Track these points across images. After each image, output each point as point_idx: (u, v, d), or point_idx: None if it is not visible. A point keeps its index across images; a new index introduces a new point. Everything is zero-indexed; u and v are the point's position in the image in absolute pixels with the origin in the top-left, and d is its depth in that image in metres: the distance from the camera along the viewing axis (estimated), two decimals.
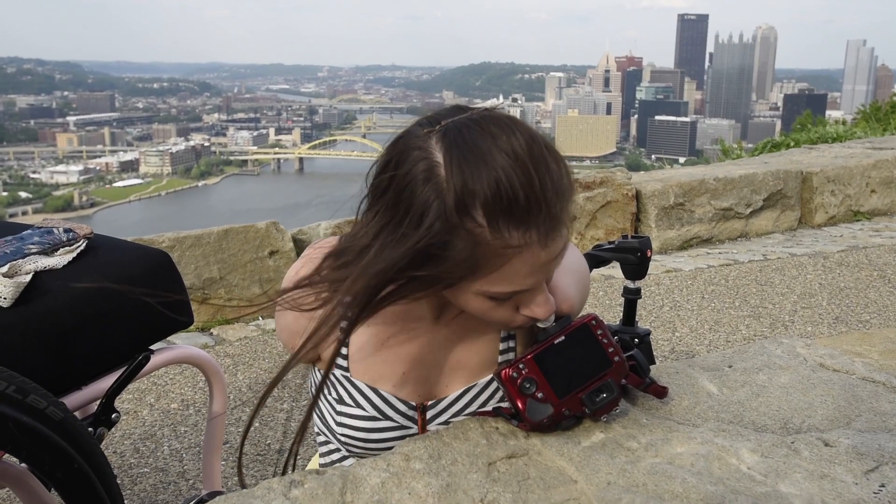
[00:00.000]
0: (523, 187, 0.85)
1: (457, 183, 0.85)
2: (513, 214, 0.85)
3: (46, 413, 1.16)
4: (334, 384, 1.12)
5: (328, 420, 1.14)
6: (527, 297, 0.95)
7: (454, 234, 0.86)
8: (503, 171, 0.85)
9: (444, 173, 0.86)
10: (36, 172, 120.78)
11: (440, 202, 0.85)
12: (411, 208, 0.87)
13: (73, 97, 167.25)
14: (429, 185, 0.86)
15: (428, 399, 1.12)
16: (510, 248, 0.86)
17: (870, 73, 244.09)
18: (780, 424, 1.06)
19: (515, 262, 0.88)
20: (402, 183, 0.88)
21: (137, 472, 2.54)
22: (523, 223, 0.86)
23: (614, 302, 4.07)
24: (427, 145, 0.88)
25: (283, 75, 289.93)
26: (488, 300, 0.93)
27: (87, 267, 1.45)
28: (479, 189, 0.85)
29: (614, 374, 1.00)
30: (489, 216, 0.85)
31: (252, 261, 3.90)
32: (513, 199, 0.85)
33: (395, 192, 0.89)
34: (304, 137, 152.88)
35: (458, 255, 0.87)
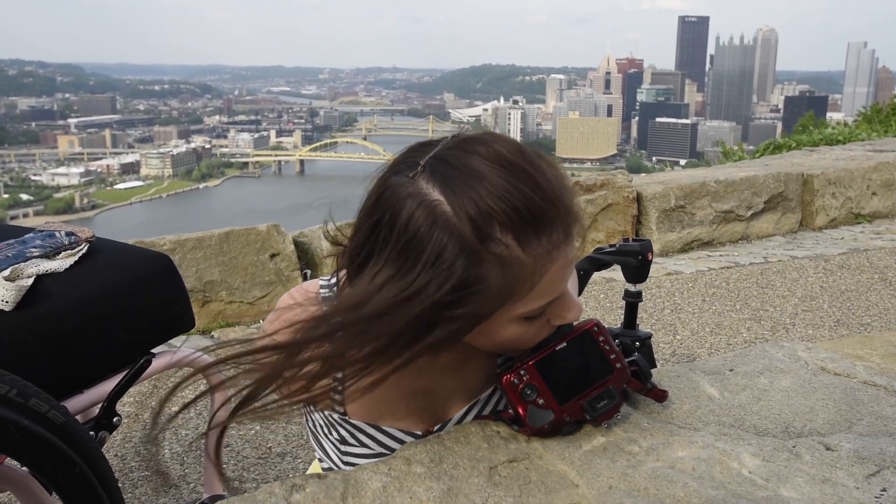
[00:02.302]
0: (534, 192, 0.82)
1: (468, 211, 0.80)
2: (534, 222, 0.82)
3: (48, 417, 1.17)
4: (334, 426, 1.09)
5: (332, 457, 1.11)
6: (556, 306, 0.92)
7: (482, 264, 0.81)
8: (508, 182, 0.81)
9: (449, 208, 0.81)
10: (37, 175, 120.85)
11: (456, 237, 0.80)
12: (422, 256, 0.80)
13: (75, 99, 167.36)
14: (437, 226, 0.81)
15: (432, 425, 1.10)
16: (542, 259, 0.83)
17: (871, 75, 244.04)
18: (782, 428, 1.06)
19: (548, 273, 0.84)
20: (405, 235, 0.82)
21: (139, 476, 2.54)
22: (547, 227, 0.83)
23: (615, 305, 4.06)
24: (417, 189, 0.83)
25: (284, 77, 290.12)
26: (523, 323, 0.89)
27: (89, 270, 1.45)
28: (492, 208, 0.80)
29: (616, 381, 1.00)
30: (514, 232, 0.81)
31: (253, 263, 3.90)
32: (529, 207, 0.81)
33: (401, 247, 0.82)
34: (305, 139, 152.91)
35: (494, 283, 0.81)
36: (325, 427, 1.11)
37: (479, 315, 0.84)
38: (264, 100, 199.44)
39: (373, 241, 0.86)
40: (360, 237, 0.88)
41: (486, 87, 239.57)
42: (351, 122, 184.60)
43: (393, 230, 0.83)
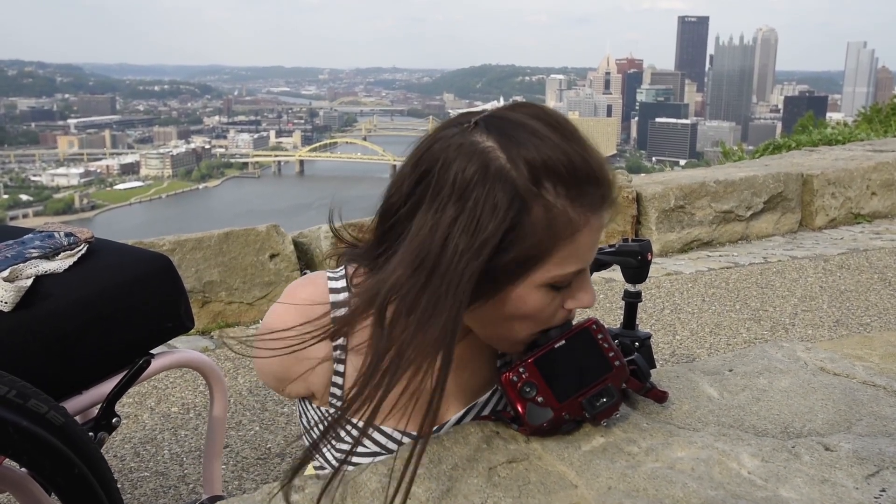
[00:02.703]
0: (583, 158, 0.88)
1: (524, 157, 0.85)
2: (582, 180, 0.87)
3: (47, 418, 1.16)
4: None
5: (326, 455, 1.10)
6: (576, 284, 0.95)
7: (532, 207, 0.85)
8: (561, 140, 0.87)
9: (504, 155, 0.85)
10: (37, 175, 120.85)
11: (511, 183, 0.85)
12: (481, 199, 0.84)
13: (74, 100, 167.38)
14: (491, 171, 0.85)
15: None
16: (582, 215, 0.88)
17: (870, 75, 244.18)
18: (781, 429, 1.06)
19: (584, 234, 0.89)
20: (460, 180, 0.85)
21: (138, 476, 2.54)
22: (591, 188, 0.88)
23: (615, 305, 4.06)
24: (472, 139, 0.87)
25: (284, 78, 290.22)
26: (549, 292, 0.92)
27: (88, 271, 1.45)
28: (546, 159, 0.85)
29: (615, 379, 1.00)
30: (563, 186, 0.86)
31: (252, 264, 3.90)
32: (579, 165, 0.87)
33: (457, 192, 0.85)
34: (305, 140, 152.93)
35: (539, 226, 0.86)
36: (320, 423, 1.10)
37: (524, 261, 0.87)
38: (264, 100, 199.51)
39: (422, 189, 0.88)
40: (406, 188, 0.90)
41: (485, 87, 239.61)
42: (351, 123, 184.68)
43: (446, 176, 0.86)
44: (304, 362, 1.03)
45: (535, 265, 0.89)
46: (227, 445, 2.69)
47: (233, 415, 2.92)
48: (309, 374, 1.04)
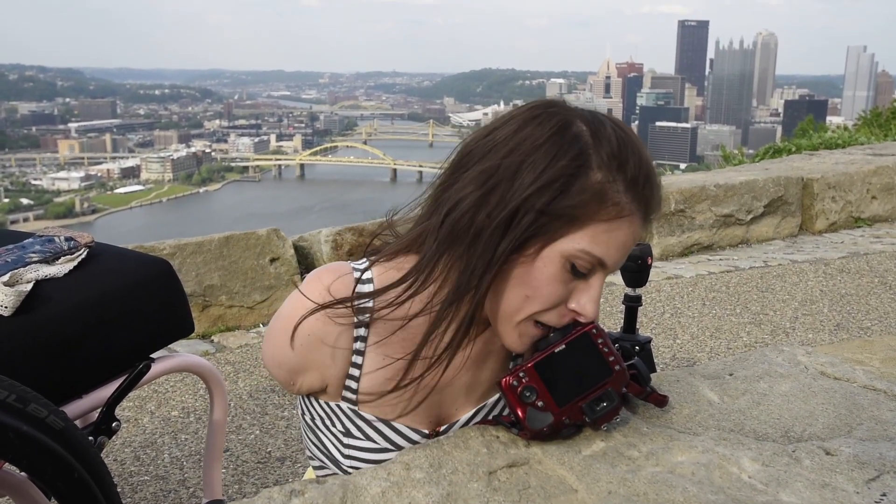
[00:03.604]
0: (651, 174, 0.97)
1: (608, 138, 0.94)
2: (640, 182, 0.95)
3: (47, 422, 1.16)
4: (340, 417, 1.08)
5: (331, 451, 1.10)
6: (585, 287, 0.97)
7: (592, 170, 0.93)
8: (642, 153, 0.97)
9: (589, 129, 0.95)
10: (37, 179, 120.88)
11: (584, 144, 0.94)
12: (554, 145, 0.93)
13: (75, 104, 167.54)
14: (569, 133, 0.94)
15: (439, 424, 1.10)
16: (628, 208, 0.94)
17: (870, 78, 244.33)
18: (781, 433, 1.06)
19: (624, 225, 0.95)
20: (538, 133, 0.94)
21: (138, 480, 2.53)
22: (643, 198, 0.96)
23: (615, 309, 4.06)
24: (570, 111, 0.97)
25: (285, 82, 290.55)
26: (565, 270, 0.95)
27: (88, 275, 1.45)
28: (623, 152, 0.94)
29: (615, 383, 1.00)
30: (625, 175, 0.94)
31: (253, 268, 3.90)
32: (645, 178, 0.96)
33: (537, 137, 0.93)
34: (306, 144, 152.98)
35: (591, 190, 0.92)
36: (327, 419, 1.09)
37: (566, 217, 0.93)
38: (264, 104, 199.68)
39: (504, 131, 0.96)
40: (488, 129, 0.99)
41: (485, 91, 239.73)
42: (351, 127, 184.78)
43: (531, 125, 0.95)
44: (324, 349, 1.02)
45: (573, 226, 0.93)
46: (228, 449, 2.69)
47: (233, 419, 2.91)
48: (327, 364, 1.03)
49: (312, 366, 1.03)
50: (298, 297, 1.02)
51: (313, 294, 1.01)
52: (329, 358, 1.03)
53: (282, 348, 1.03)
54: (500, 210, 0.92)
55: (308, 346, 1.01)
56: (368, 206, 14.68)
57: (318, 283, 1.02)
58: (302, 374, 1.04)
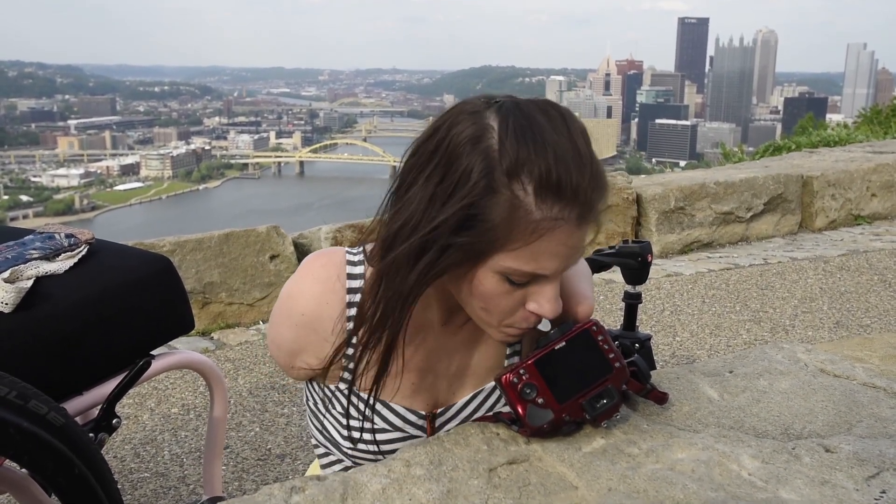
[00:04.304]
0: (573, 168, 0.88)
1: (511, 149, 0.87)
2: (558, 191, 0.88)
3: (47, 419, 1.16)
4: (339, 398, 1.10)
5: (332, 434, 1.12)
6: (538, 290, 0.94)
7: (497, 195, 0.87)
8: (557, 149, 0.88)
9: (496, 138, 0.88)
10: (37, 176, 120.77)
11: (490, 163, 0.88)
12: (461, 167, 0.88)
13: (75, 101, 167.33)
14: (480, 147, 0.89)
15: (436, 407, 1.12)
16: (546, 222, 0.88)
17: (870, 76, 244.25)
18: (781, 430, 1.06)
19: (546, 239, 0.89)
20: (454, 143, 0.90)
21: (138, 477, 2.54)
22: (565, 200, 0.88)
23: (615, 306, 4.06)
24: (483, 114, 0.91)
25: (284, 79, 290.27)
26: (504, 282, 0.93)
27: (89, 272, 1.45)
28: (532, 160, 0.87)
29: (615, 380, 1.00)
30: (537, 187, 0.87)
31: (253, 265, 3.90)
32: (561, 177, 0.87)
33: (446, 154, 0.90)
34: (305, 141, 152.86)
35: (498, 216, 0.88)
36: (328, 401, 1.12)
37: (474, 247, 0.90)
38: (264, 101, 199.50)
39: (427, 146, 0.93)
40: (422, 137, 0.96)
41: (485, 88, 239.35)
42: (351, 124, 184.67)
43: (447, 138, 0.91)
44: (317, 331, 1.05)
45: (491, 250, 0.90)
46: (228, 446, 2.69)
47: (233, 416, 2.92)
48: (322, 345, 1.05)
49: (308, 346, 1.06)
50: (293, 280, 1.08)
51: (306, 277, 1.06)
52: (323, 338, 1.05)
53: (279, 330, 1.08)
54: (412, 243, 0.91)
55: (303, 327, 1.05)
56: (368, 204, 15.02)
57: (312, 266, 1.07)
58: (299, 355, 1.07)
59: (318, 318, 1.05)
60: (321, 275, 1.06)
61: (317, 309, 1.05)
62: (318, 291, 1.05)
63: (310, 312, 1.05)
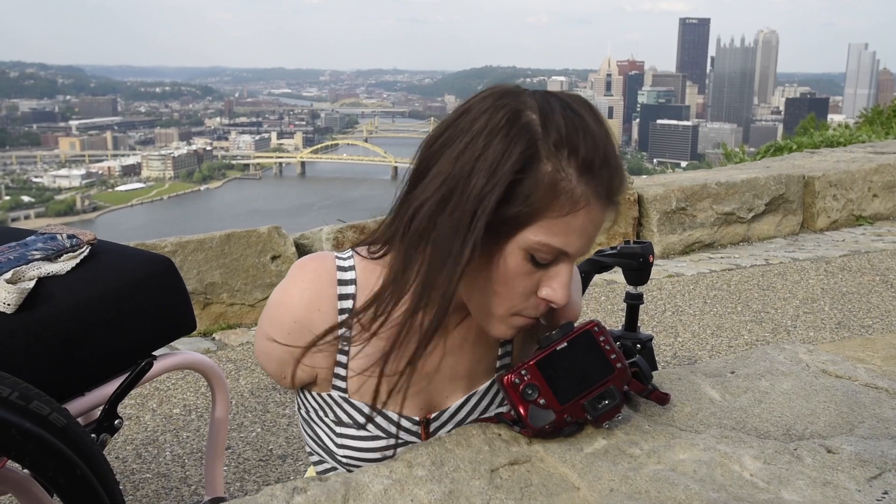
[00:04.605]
0: (610, 153, 0.94)
1: (557, 125, 0.91)
2: (599, 169, 0.92)
3: (49, 419, 1.16)
4: (332, 406, 1.09)
5: (326, 442, 1.11)
6: (553, 275, 0.96)
7: (543, 164, 0.91)
8: (597, 134, 0.93)
9: (538, 117, 0.92)
10: (38, 177, 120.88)
11: (534, 136, 0.91)
12: (507, 139, 0.91)
13: (76, 101, 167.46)
14: (521, 122, 0.92)
15: (429, 412, 1.11)
16: (585, 196, 0.92)
17: (872, 76, 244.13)
18: (783, 431, 1.06)
19: (581, 215, 0.92)
20: (493, 120, 0.92)
21: (140, 478, 2.54)
22: (600, 182, 0.93)
23: (616, 307, 4.06)
24: (518, 95, 0.95)
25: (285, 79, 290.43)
26: (527, 262, 0.94)
27: (90, 273, 1.45)
28: (577, 138, 0.92)
29: (616, 381, 1.00)
30: (578, 162, 0.91)
31: (254, 265, 3.90)
32: (601, 161, 0.93)
33: (484, 130, 0.92)
34: (306, 141, 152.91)
35: (543, 183, 0.90)
36: (320, 409, 1.11)
37: (517, 218, 0.92)
38: (265, 102, 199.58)
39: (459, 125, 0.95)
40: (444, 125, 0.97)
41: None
42: (352, 124, 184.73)
43: (483, 117, 0.93)
44: (310, 337, 1.04)
45: (528, 221, 0.92)
46: (229, 447, 2.69)
47: (234, 416, 2.92)
48: (314, 354, 1.05)
49: (300, 357, 1.05)
50: (283, 287, 1.06)
51: (296, 284, 1.05)
52: (317, 346, 1.04)
53: (270, 339, 1.06)
54: (458, 214, 0.91)
55: (294, 334, 1.04)
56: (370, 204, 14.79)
57: (301, 272, 1.06)
58: (291, 366, 1.06)
59: (311, 325, 1.03)
60: (312, 280, 1.05)
61: (309, 316, 1.03)
62: (310, 298, 1.04)
63: (302, 319, 1.03)
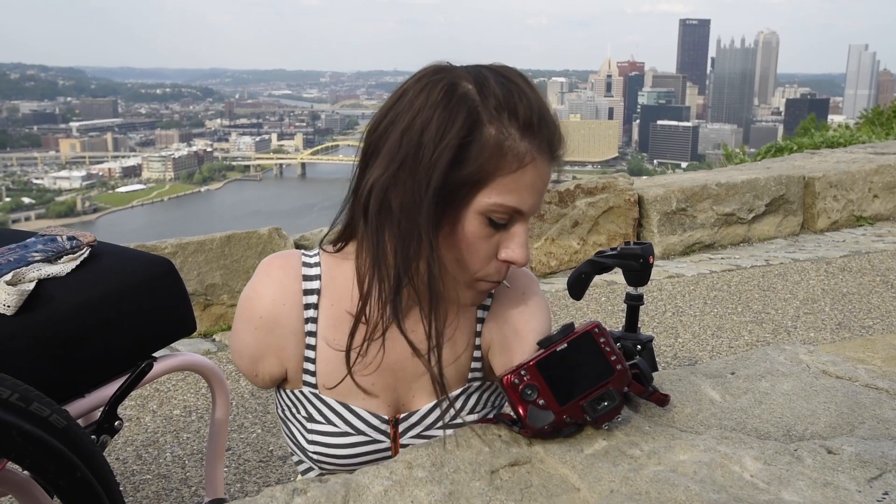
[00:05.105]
0: (545, 113, 0.98)
1: (494, 92, 0.95)
2: (539, 129, 0.97)
3: (50, 421, 1.16)
4: (303, 403, 1.11)
5: (298, 439, 1.12)
6: (510, 236, 0.99)
7: (486, 128, 0.94)
8: (532, 96, 0.97)
9: (473, 86, 0.96)
10: (39, 178, 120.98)
11: (474, 104, 0.95)
12: (448, 110, 0.94)
13: (76, 103, 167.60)
14: (458, 93, 0.95)
15: (397, 410, 1.12)
16: (530, 154, 0.96)
17: (872, 77, 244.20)
18: (783, 432, 1.06)
19: (528, 171, 0.96)
20: (431, 97, 0.95)
21: (140, 479, 2.54)
22: (542, 139, 0.97)
23: (616, 308, 4.06)
24: (450, 71, 0.98)
25: (286, 81, 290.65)
26: (485, 226, 0.97)
27: (91, 275, 1.45)
28: (515, 101, 0.96)
29: (616, 383, 1.00)
30: (517, 122, 0.95)
31: (255, 267, 3.90)
32: (538, 119, 0.97)
33: (426, 105, 0.95)
34: (307, 143, 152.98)
35: (489, 145, 0.94)
36: (293, 406, 1.12)
37: (469, 181, 0.95)
38: (266, 103, 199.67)
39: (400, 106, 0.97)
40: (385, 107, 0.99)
41: None
42: (352, 125, 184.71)
43: (422, 94, 0.96)
44: (277, 332, 1.06)
45: (481, 185, 0.95)
46: (230, 448, 2.69)
47: (235, 417, 2.92)
48: (282, 347, 1.07)
49: (268, 350, 1.07)
50: (250, 284, 1.09)
51: (262, 281, 1.08)
52: (283, 340, 1.07)
53: (239, 336, 1.09)
54: (412, 185, 0.94)
55: (262, 330, 1.06)
56: None
57: (267, 269, 1.09)
58: (261, 360, 1.08)
59: (276, 320, 1.06)
60: (277, 276, 1.07)
61: (273, 310, 1.06)
62: (274, 294, 1.06)
63: (267, 315, 1.06)
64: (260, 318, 1.06)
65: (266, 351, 1.07)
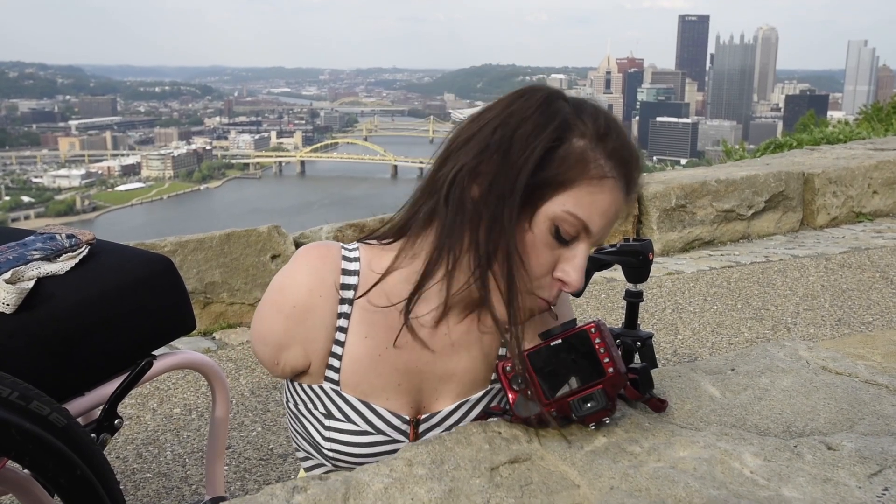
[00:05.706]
0: (633, 151, 1.01)
1: (587, 118, 0.99)
2: (620, 160, 0.99)
3: (49, 419, 1.16)
4: (322, 399, 1.09)
5: (314, 435, 1.11)
6: (571, 256, 0.99)
7: (573, 137, 0.97)
8: (622, 131, 1.01)
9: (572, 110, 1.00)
10: (38, 177, 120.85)
11: (565, 116, 0.98)
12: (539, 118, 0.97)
13: (76, 101, 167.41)
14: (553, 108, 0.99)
15: (419, 411, 1.11)
16: (611, 172, 0.98)
17: (871, 73, 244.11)
18: (783, 428, 1.06)
19: (605, 192, 0.98)
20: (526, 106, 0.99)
21: (140, 478, 2.54)
22: (625, 171, 0.99)
23: (616, 305, 4.06)
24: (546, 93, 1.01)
25: (285, 78, 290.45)
26: (553, 237, 0.98)
27: (90, 273, 1.45)
28: (606, 132, 0.99)
29: (607, 385, 0.98)
30: (604, 145, 0.98)
31: (254, 265, 3.90)
32: (626, 152, 0.99)
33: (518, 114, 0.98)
34: (306, 140, 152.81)
35: (573, 156, 0.96)
36: (310, 402, 1.11)
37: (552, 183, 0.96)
38: (265, 101, 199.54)
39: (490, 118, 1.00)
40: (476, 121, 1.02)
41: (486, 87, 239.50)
42: (351, 123, 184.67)
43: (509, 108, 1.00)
44: (309, 322, 1.05)
45: (560, 189, 0.96)
46: (230, 446, 2.69)
47: (235, 416, 2.92)
48: (311, 338, 1.05)
49: (297, 339, 1.05)
50: (286, 271, 1.07)
51: (300, 269, 1.06)
52: (313, 332, 1.05)
53: (268, 322, 1.06)
54: (497, 180, 0.96)
55: (294, 319, 1.04)
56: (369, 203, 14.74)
57: (306, 258, 1.07)
58: (286, 349, 1.06)
59: (310, 310, 1.04)
60: (316, 266, 1.06)
61: (309, 300, 1.04)
62: (311, 283, 1.05)
63: (302, 304, 1.04)
64: (294, 306, 1.04)
65: (293, 340, 1.05)
